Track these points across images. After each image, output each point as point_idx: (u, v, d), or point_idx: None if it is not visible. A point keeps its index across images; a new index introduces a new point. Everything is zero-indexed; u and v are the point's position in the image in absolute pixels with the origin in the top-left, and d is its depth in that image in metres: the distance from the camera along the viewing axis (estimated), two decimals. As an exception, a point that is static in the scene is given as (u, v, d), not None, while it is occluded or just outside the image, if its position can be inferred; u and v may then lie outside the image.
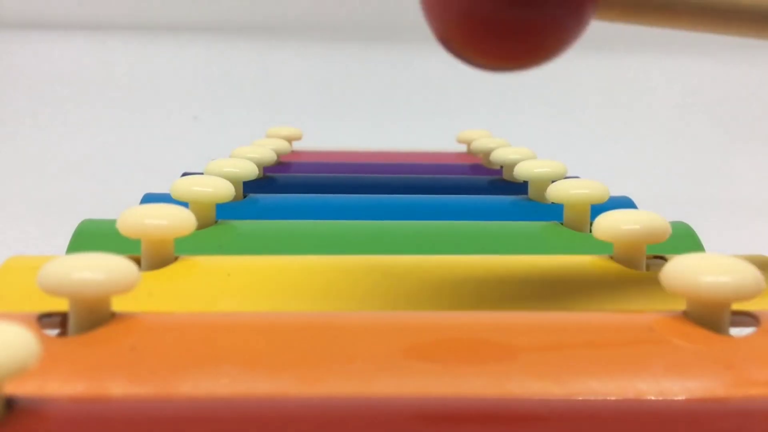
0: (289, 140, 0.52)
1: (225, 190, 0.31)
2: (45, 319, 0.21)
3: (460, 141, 0.57)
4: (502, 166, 0.45)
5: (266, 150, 0.42)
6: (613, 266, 0.27)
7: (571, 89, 0.89)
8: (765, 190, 0.73)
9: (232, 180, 0.34)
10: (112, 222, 0.27)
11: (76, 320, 0.20)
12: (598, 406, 0.18)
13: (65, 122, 0.84)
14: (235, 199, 0.35)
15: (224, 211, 0.33)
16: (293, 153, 0.53)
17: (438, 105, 0.87)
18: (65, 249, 0.30)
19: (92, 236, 0.31)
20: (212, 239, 0.31)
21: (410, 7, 0.96)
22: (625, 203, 0.37)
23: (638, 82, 0.90)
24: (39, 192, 0.67)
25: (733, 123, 0.85)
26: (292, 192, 0.40)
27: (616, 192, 0.37)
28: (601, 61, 0.90)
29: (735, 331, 0.21)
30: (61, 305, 0.21)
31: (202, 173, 0.36)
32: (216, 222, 0.32)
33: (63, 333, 0.21)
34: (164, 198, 0.33)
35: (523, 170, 0.38)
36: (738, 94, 0.88)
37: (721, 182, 0.76)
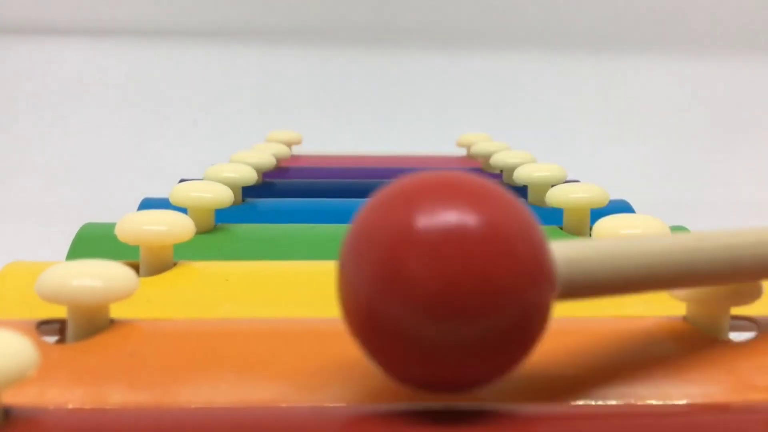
0: (289, 145, 0.52)
1: (224, 196, 0.31)
2: (44, 326, 0.21)
3: (459, 145, 0.57)
4: (501, 170, 0.45)
5: (266, 155, 0.42)
6: (613, 271, 0.26)
7: (570, 93, 0.89)
8: (763, 193, 0.73)
9: (231, 185, 0.34)
10: (114, 225, 0.27)
11: (74, 327, 0.20)
12: (597, 411, 0.18)
13: (64, 127, 0.84)
14: (234, 204, 0.35)
15: (223, 215, 0.33)
16: (293, 158, 0.53)
17: (437, 109, 0.87)
18: (63, 253, 0.30)
19: (94, 240, 0.31)
20: (211, 244, 0.30)
21: (409, 11, 0.96)
22: (623, 207, 0.37)
23: (637, 86, 0.90)
24: (37, 196, 0.67)
25: (733, 125, 0.85)
26: (291, 197, 0.40)
27: (617, 196, 0.37)
28: (600, 65, 0.90)
29: (734, 336, 0.21)
30: (59, 312, 0.21)
31: (201, 178, 0.36)
32: (215, 226, 0.32)
33: (62, 340, 0.21)
34: (162, 203, 0.33)
35: (523, 174, 0.38)
36: (737, 96, 0.88)
37: (721, 185, 0.76)
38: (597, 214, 0.30)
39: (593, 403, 0.18)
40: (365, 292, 0.15)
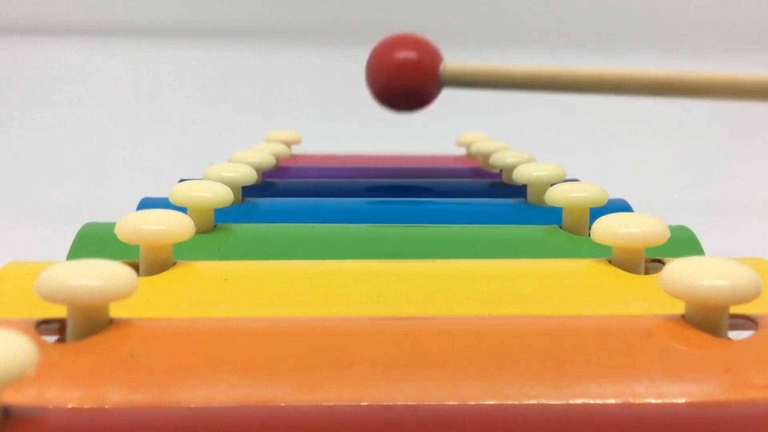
0: (289, 144, 0.52)
1: (223, 195, 0.31)
2: (43, 326, 0.21)
3: (459, 144, 0.57)
4: (501, 170, 0.45)
5: (265, 154, 0.42)
6: (612, 270, 0.26)
7: (570, 92, 0.89)
8: (764, 192, 0.73)
9: (231, 185, 0.34)
10: (115, 225, 0.27)
11: (74, 327, 0.20)
12: (596, 411, 0.18)
13: (63, 126, 0.84)
14: (234, 203, 0.35)
15: (223, 214, 0.33)
16: (292, 157, 0.53)
17: (437, 108, 0.87)
18: (64, 253, 0.30)
19: (95, 239, 0.31)
20: (211, 244, 0.30)
21: (409, 10, 0.96)
22: (622, 206, 0.37)
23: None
24: (36, 196, 0.67)
25: (733, 125, 0.85)
26: (291, 196, 0.40)
27: (616, 195, 0.37)
28: (600, 64, 0.89)
29: (733, 335, 0.21)
30: (59, 311, 0.21)
31: (200, 178, 0.36)
32: (215, 226, 0.32)
33: (61, 339, 0.21)
34: (162, 202, 0.33)
35: (522, 173, 0.38)
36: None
37: (720, 185, 0.76)
38: (596, 213, 0.30)
39: (591, 402, 0.18)
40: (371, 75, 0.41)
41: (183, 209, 0.30)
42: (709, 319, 0.21)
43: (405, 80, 0.41)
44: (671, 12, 0.91)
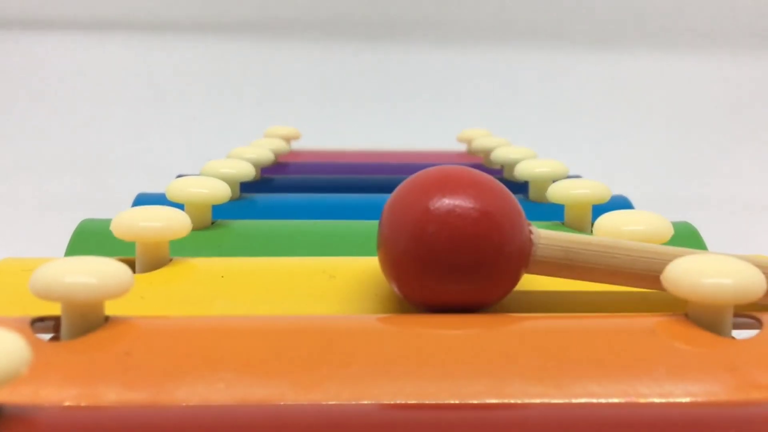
0: (288, 140, 0.52)
1: (221, 192, 0.31)
2: (38, 324, 0.21)
3: (460, 140, 0.57)
4: (502, 166, 0.45)
5: (264, 150, 0.42)
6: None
7: (572, 89, 0.89)
8: (764, 190, 0.73)
9: (229, 181, 0.34)
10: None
11: (68, 325, 0.20)
12: (599, 410, 0.18)
13: (61, 122, 0.83)
14: (232, 199, 0.35)
15: (221, 210, 0.33)
16: (291, 153, 0.52)
17: (438, 104, 0.87)
18: (61, 249, 0.30)
19: (92, 236, 0.30)
20: (208, 240, 0.30)
21: (410, 5, 0.96)
22: (623, 203, 0.37)
23: (639, 82, 0.90)
24: (34, 192, 0.67)
25: (735, 121, 0.85)
26: (289, 192, 0.40)
27: (619, 192, 0.37)
28: (602, 61, 0.90)
29: (737, 333, 0.21)
30: (54, 309, 0.21)
31: (198, 174, 0.36)
32: (212, 222, 0.32)
33: (57, 337, 0.21)
34: (158, 198, 0.33)
35: (524, 170, 0.38)
36: (739, 92, 0.88)
37: (725, 181, 0.76)
38: (598, 209, 0.30)
39: (594, 401, 0.18)
40: (402, 247, 0.22)
41: (180, 205, 0.29)
42: (712, 318, 0.20)
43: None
44: (672, 7, 0.91)
